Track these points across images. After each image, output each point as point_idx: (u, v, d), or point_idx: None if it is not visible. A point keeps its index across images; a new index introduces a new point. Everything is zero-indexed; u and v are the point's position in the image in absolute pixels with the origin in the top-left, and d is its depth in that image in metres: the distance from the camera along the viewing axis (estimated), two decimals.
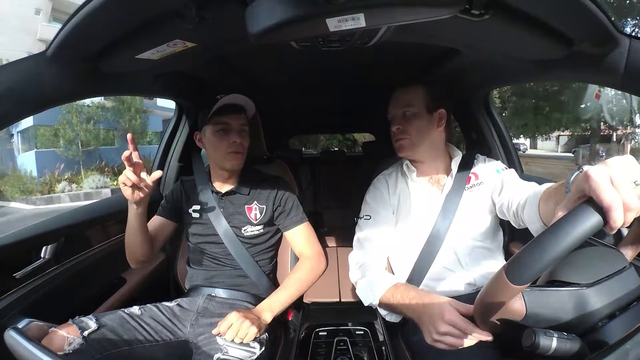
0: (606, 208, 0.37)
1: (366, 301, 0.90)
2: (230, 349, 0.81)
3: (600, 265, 0.49)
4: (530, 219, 0.72)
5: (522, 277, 0.41)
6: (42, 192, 8.37)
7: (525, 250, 0.42)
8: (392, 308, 0.85)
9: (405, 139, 0.97)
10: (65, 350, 0.72)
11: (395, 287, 0.85)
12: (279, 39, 0.59)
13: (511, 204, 0.82)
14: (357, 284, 0.94)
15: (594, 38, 0.57)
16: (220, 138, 1.00)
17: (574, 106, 7.84)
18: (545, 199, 0.66)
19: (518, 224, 0.82)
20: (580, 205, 0.39)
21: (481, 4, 0.53)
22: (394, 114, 1.00)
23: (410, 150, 0.98)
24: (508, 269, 0.42)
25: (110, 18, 0.53)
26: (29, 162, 9.79)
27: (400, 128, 0.97)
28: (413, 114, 0.96)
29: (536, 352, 0.44)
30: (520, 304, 0.47)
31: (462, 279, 0.91)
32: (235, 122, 1.01)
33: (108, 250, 1.06)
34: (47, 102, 0.63)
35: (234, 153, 1.01)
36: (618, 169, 0.39)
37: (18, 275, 0.81)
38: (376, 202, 1.01)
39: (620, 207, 0.37)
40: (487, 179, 0.95)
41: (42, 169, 9.18)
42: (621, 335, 0.40)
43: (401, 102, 0.99)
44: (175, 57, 0.69)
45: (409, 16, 0.52)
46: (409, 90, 0.99)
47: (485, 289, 0.48)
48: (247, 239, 1.05)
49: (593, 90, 7.69)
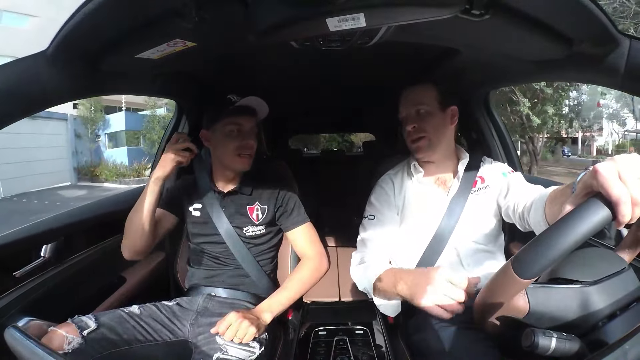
0: (615, 202, 0.37)
1: (361, 285, 0.91)
2: (230, 348, 0.81)
3: (600, 265, 0.49)
4: (536, 222, 0.72)
5: (530, 270, 0.40)
6: (133, 176, 12.16)
7: (533, 243, 0.41)
8: (386, 292, 0.84)
9: (423, 139, 0.94)
10: (64, 350, 0.72)
11: (389, 270, 0.86)
12: (279, 38, 0.59)
13: (517, 207, 0.82)
14: (353, 271, 0.95)
15: (594, 38, 0.57)
16: (232, 139, 1.00)
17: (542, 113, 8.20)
18: (551, 202, 0.66)
19: (524, 227, 0.81)
20: (589, 199, 0.39)
21: (481, 4, 0.53)
22: (407, 113, 0.97)
23: (430, 150, 0.95)
24: (515, 262, 0.42)
25: (110, 18, 0.53)
26: (120, 155, 13.55)
27: (416, 127, 0.94)
28: (427, 112, 0.94)
29: (535, 352, 0.44)
30: (524, 300, 0.47)
31: None
32: (248, 124, 1.01)
33: (108, 249, 1.06)
34: (47, 102, 0.63)
35: (244, 155, 1.01)
36: (626, 165, 0.39)
37: (18, 274, 0.81)
38: (381, 203, 1.01)
39: (628, 201, 0.37)
40: (493, 183, 0.95)
41: (132, 161, 13.08)
42: (620, 335, 0.40)
43: (413, 101, 0.96)
44: (175, 57, 0.69)
45: (409, 16, 0.52)
46: (418, 88, 0.97)
47: (488, 284, 0.48)
48: (248, 239, 1.05)
49: (560, 95, 8.03)
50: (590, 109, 13.43)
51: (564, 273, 0.50)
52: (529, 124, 8.37)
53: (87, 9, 0.50)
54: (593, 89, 10.37)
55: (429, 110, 0.94)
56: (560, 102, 8.29)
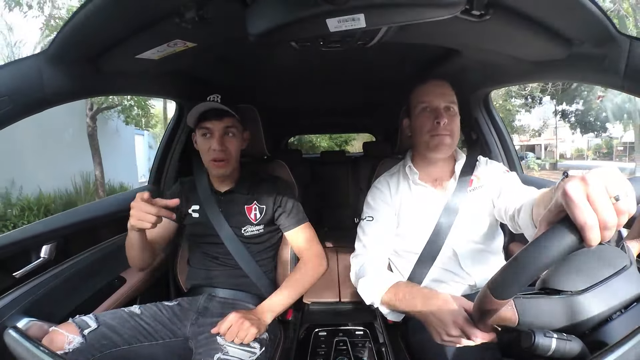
0: (580, 228, 0.36)
1: (368, 300, 0.89)
2: (231, 349, 0.81)
3: (598, 267, 0.49)
4: (524, 224, 0.72)
5: (504, 293, 0.43)
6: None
7: (506, 267, 0.43)
8: (395, 307, 0.84)
9: (448, 136, 0.91)
10: (65, 350, 0.72)
11: (397, 286, 0.83)
12: (279, 39, 0.59)
13: (508, 208, 0.82)
14: (358, 283, 0.93)
15: (594, 39, 0.57)
16: (204, 143, 0.98)
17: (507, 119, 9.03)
18: (537, 204, 0.66)
19: (515, 229, 0.81)
20: (556, 224, 0.39)
21: (481, 5, 0.53)
22: (437, 105, 0.91)
23: (449, 149, 0.93)
24: (491, 285, 0.45)
25: (111, 18, 0.53)
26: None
27: (447, 122, 0.89)
28: (455, 112, 0.92)
29: (535, 353, 0.44)
30: (512, 312, 0.48)
31: (462, 279, 0.91)
32: (217, 126, 0.96)
33: (108, 250, 1.06)
34: (47, 102, 0.63)
35: (214, 161, 0.97)
36: (596, 185, 0.37)
37: (18, 275, 0.81)
38: (378, 204, 1.00)
39: (595, 226, 0.36)
40: (488, 182, 0.95)
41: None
42: (621, 335, 0.40)
43: (445, 96, 0.92)
44: (175, 57, 0.69)
45: (410, 17, 0.52)
46: (447, 85, 0.95)
47: (476, 299, 0.50)
48: (247, 238, 1.05)
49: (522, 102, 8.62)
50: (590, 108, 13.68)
51: (554, 282, 0.50)
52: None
53: (87, 10, 0.50)
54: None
55: (457, 111, 0.94)
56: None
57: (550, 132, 18.53)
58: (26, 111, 0.60)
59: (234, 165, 1.03)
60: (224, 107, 0.95)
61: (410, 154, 1.05)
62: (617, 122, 12.51)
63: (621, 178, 0.38)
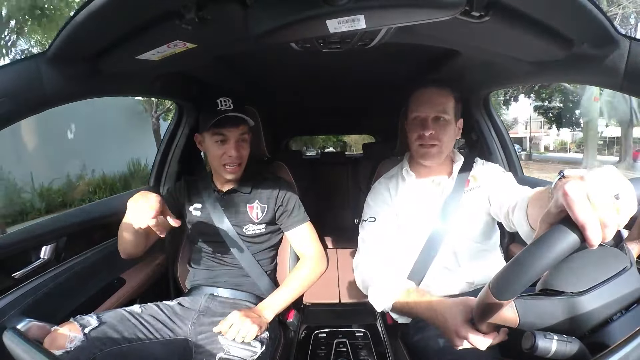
0: (581, 227, 0.36)
1: (379, 308, 0.89)
2: (232, 348, 0.81)
3: (599, 269, 0.49)
4: (519, 222, 0.72)
5: (505, 293, 0.43)
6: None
7: (507, 268, 0.43)
8: (404, 312, 0.86)
9: (435, 146, 0.92)
10: (67, 348, 0.72)
11: (408, 293, 0.83)
12: (279, 40, 0.59)
13: (502, 207, 0.83)
14: (369, 290, 0.93)
15: (594, 39, 0.57)
16: (218, 148, 1.00)
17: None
18: (532, 203, 0.66)
19: (510, 227, 0.82)
20: (557, 225, 0.39)
21: (481, 6, 0.53)
22: (426, 115, 0.92)
23: (437, 158, 0.95)
24: (493, 285, 0.44)
25: (110, 18, 0.53)
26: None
27: (433, 133, 0.91)
28: (446, 121, 0.92)
29: (536, 354, 0.44)
30: (513, 312, 0.48)
31: (460, 278, 0.92)
32: (234, 134, 0.99)
33: (108, 251, 1.06)
34: (47, 103, 0.63)
35: (230, 165, 1.00)
36: (595, 185, 0.37)
37: (17, 275, 0.81)
38: (378, 205, 1.01)
39: (596, 225, 0.35)
40: (484, 182, 0.96)
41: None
42: (622, 337, 0.39)
43: (435, 105, 0.92)
44: (175, 58, 0.69)
45: (409, 18, 0.52)
46: (440, 92, 0.94)
47: (478, 298, 0.50)
48: (248, 237, 1.05)
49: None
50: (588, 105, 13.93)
51: (554, 283, 0.49)
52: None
53: (87, 11, 0.50)
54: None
55: (448, 119, 0.92)
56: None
57: (536, 125, 19.41)
58: (26, 112, 0.60)
59: (243, 168, 1.05)
60: (241, 115, 0.98)
61: (407, 156, 1.06)
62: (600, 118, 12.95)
63: (620, 178, 0.38)
